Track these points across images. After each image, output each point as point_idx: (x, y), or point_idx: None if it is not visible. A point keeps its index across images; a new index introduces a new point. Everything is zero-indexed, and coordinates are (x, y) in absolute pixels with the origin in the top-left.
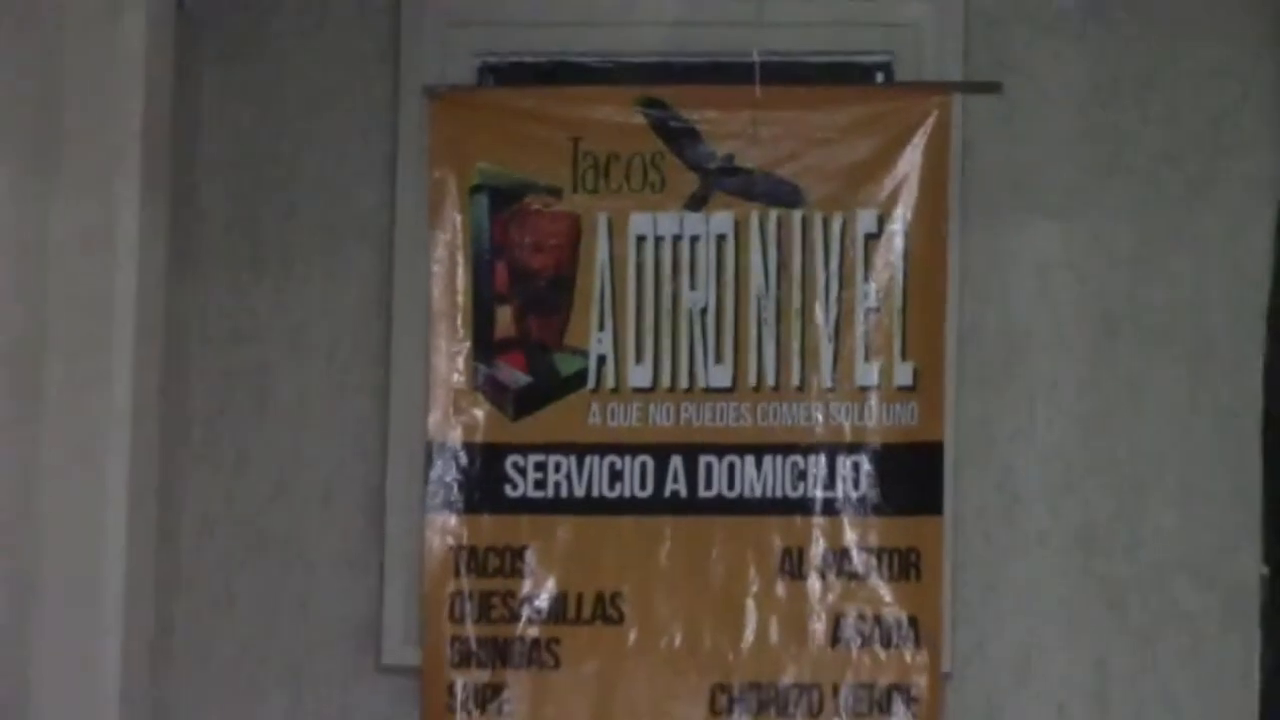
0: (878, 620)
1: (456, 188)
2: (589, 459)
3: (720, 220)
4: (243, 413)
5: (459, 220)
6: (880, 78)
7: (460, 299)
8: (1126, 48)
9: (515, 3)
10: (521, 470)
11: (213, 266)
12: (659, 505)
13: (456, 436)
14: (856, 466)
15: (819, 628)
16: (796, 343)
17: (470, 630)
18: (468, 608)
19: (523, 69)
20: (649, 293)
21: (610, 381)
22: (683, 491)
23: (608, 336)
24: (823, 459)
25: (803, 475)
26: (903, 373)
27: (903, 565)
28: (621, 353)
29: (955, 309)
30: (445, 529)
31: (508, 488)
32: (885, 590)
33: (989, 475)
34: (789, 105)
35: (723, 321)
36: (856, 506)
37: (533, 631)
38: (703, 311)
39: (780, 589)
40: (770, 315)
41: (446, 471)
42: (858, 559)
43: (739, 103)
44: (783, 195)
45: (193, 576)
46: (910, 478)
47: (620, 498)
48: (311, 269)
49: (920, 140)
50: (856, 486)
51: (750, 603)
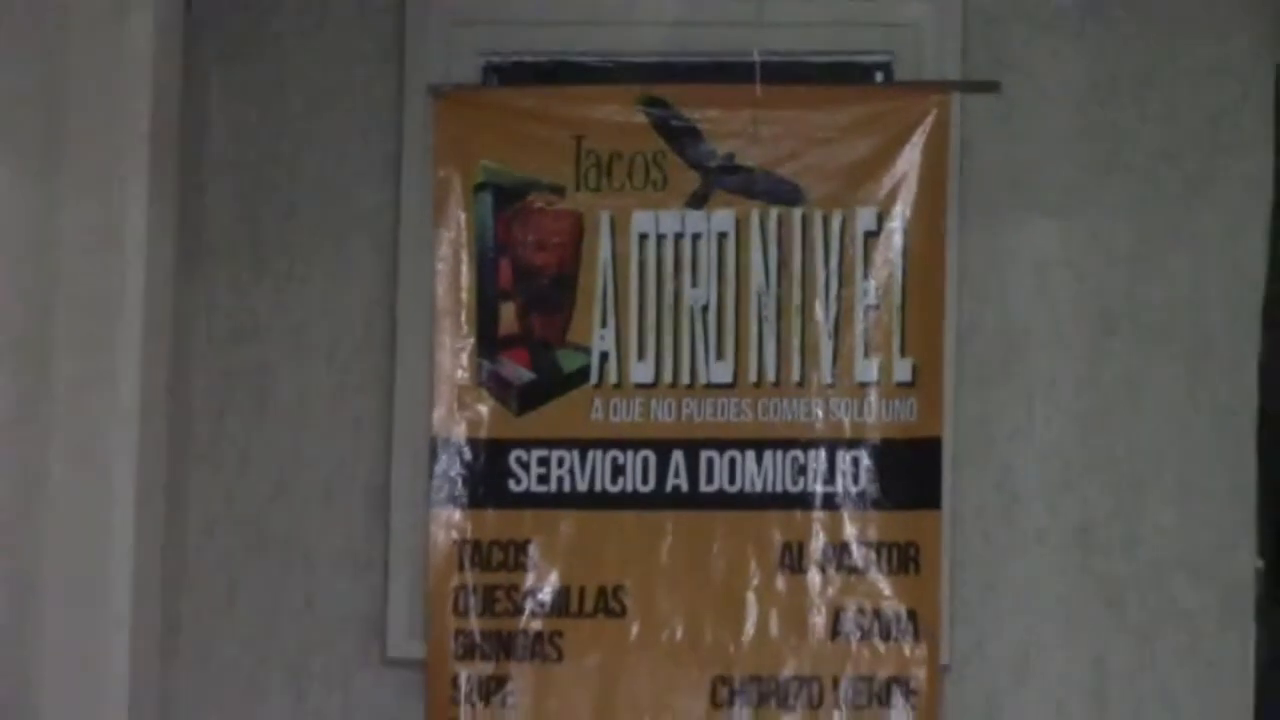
0: (877, 614)
1: (461, 186)
2: (592, 454)
3: (721, 218)
4: (247, 410)
5: (463, 218)
6: (880, 77)
7: (464, 296)
8: (1125, 46)
9: (519, 3)
10: (525, 465)
11: (217, 265)
12: (661, 500)
13: (461, 432)
14: (856, 461)
15: (819, 621)
16: (797, 339)
17: (474, 624)
18: (472, 601)
19: (526, 68)
20: (651, 290)
21: (613, 377)
22: (684, 486)
23: (610, 333)
24: (822, 454)
25: (803, 470)
26: (902, 369)
27: (902, 559)
28: (624, 349)
29: (954, 306)
30: (449, 523)
31: (511, 483)
32: (884, 584)
33: (987, 471)
34: (789, 104)
35: (724, 318)
36: (856, 501)
37: (536, 625)
38: (704, 308)
39: (780, 583)
40: (771, 312)
41: (451, 466)
42: (857, 553)
43: (740, 102)
44: (783, 193)
45: (198, 572)
46: (909, 473)
47: (622, 492)
48: (316, 267)
49: (919, 139)
50: (856, 481)
51: (751, 596)
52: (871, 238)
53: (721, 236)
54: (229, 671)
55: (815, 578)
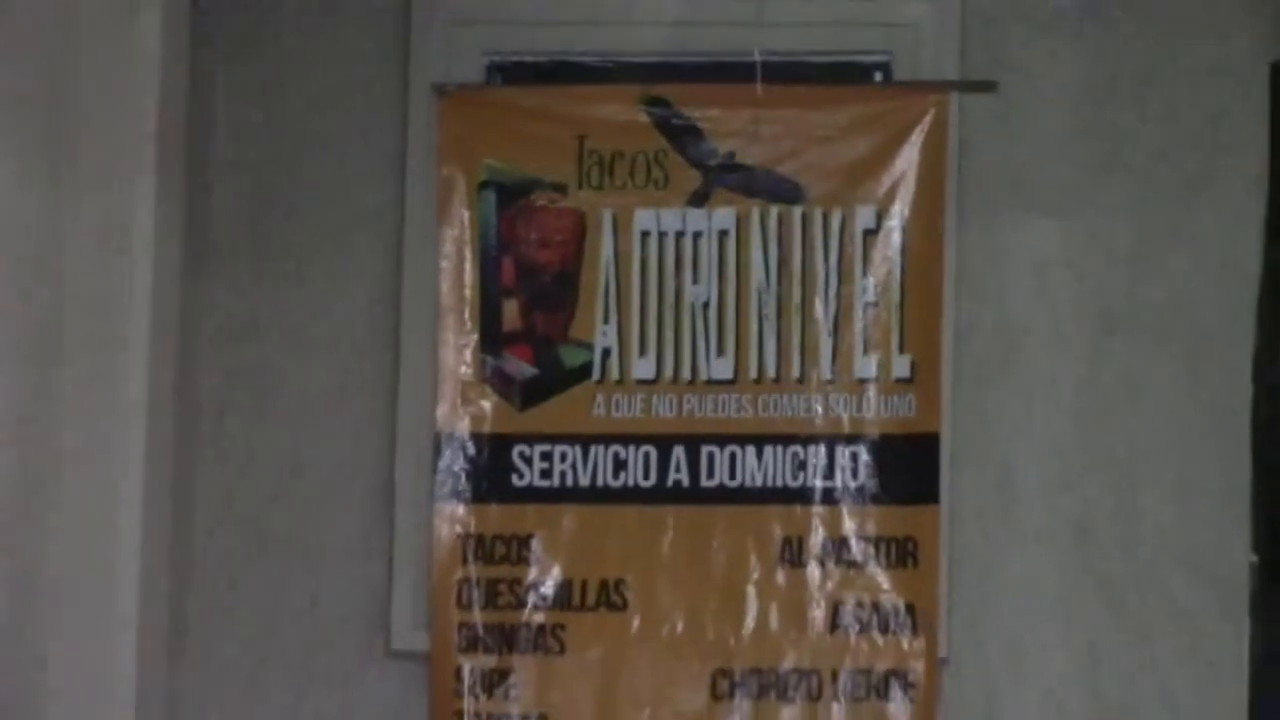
0: (875, 607)
1: (464, 184)
2: (594, 449)
3: (722, 216)
4: (252, 406)
5: (466, 216)
6: (879, 77)
7: (468, 293)
8: (1123, 47)
9: (521, 3)
10: (528, 460)
11: (222, 263)
12: (662, 495)
13: (464, 427)
14: (855, 457)
15: (818, 614)
16: (796, 336)
17: (478, 617)
18: (475, 595)
19: (529, 68)
20: (652, 287)
21: (615, 374)
22: (685, 481)
23: (612, 330)
24: (822, 449)
25: (802, 465)
26: (900, 365)
27: (900, 553)
28: (625, 346)
29: (952, 304)
30: (453, 518)
31: (514, 477)
32: (883, 578)
33: (986, 467)
34: (789, 104)
35: (724, 315)
36: (855, 496)
37: (538, 618)
38: (705, 305)
39: (780, 577)
40: (771, 309)
41: (454, 461)
42: (856, 547)
43: (740, 101)
44: (783, 192)
45: (205, 565)
46: (908, 468)
47: (624, 487)
48: (320, 265)
49: (918, 138)
50: (855, 476)
51: (751, 590)
52: (871, 236)
53: (722, 234)
54: (235, 663)
55: (815, 572)
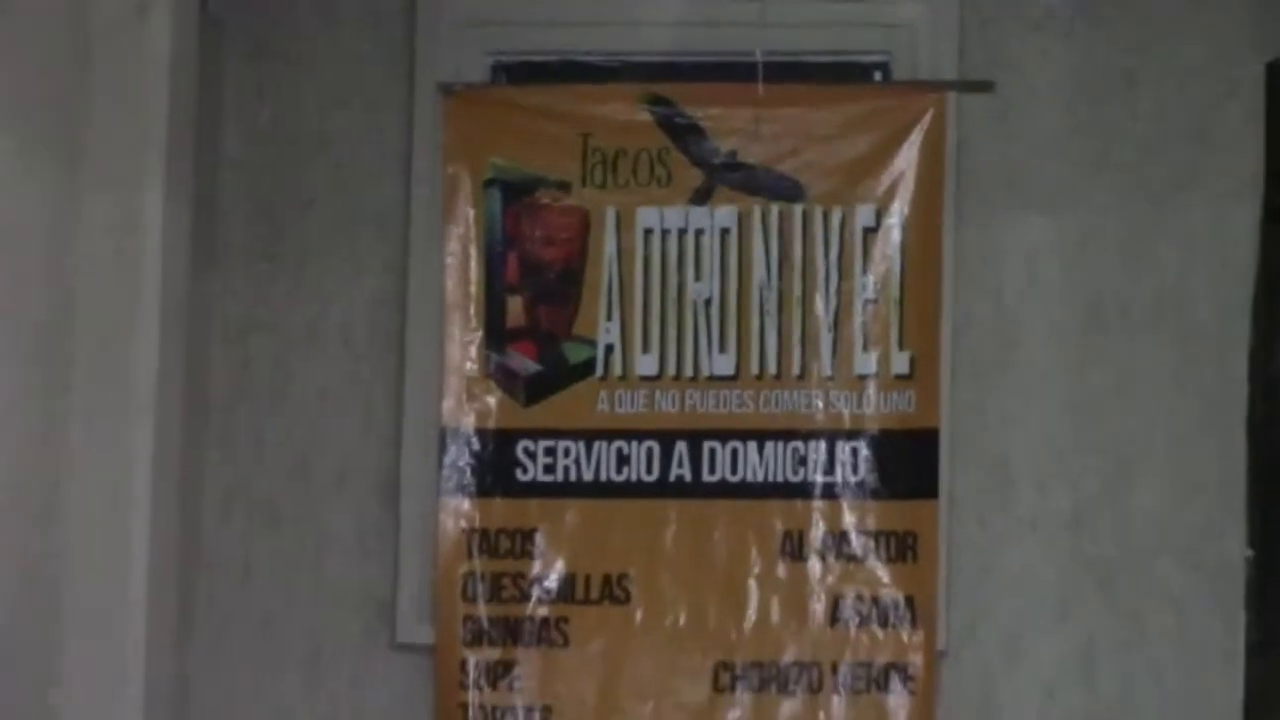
0: (875, 601)
1: (470, 182)
2: (597, 444)
3: (724, 214)
4: (261, 400)
5: (472, 214)
6: (878, 77)
7: (473, 290)
8: (1115, 45)
9: (527, 4)
10: (532, 455)
11: (232, 258)
12: (665, 489)
13: (469, 422)
14: (855, 452)
15: (818, 608)
16: (797, 333)
17: (482, 610)
18: (480, 588)
19: (533, 68)
20: (655, 284)
21: (618, 370)
22: (687, 476)
23: (615, 326)
24: (822, 445)
25: (803, 460)
26: (900, 362)
27: (899, 547)
28: (629, 342)
29: (950, 300)
30: (458, 512)
31: (518, 472)
32: (882, 571)
33: (983, 461)
34: (790, 103)
35: (726, 312)
36: (855, 491)
37: (542, 611)
38: (707, 302)
39: (781, 570)
40: (772, 306)
41: (459, 456)
42: (856, 541)
43: (742, 100)
44: (784, 190)
45: (213, 558)
46: (907, 463)
47: (627, 482)
48: (328, 261)
49: (916, 137)
50: (855, 471)
51: (752, 584)
52: (870, 233)
53: (724, 232)
54: (243, 656)
55: (815, 565)
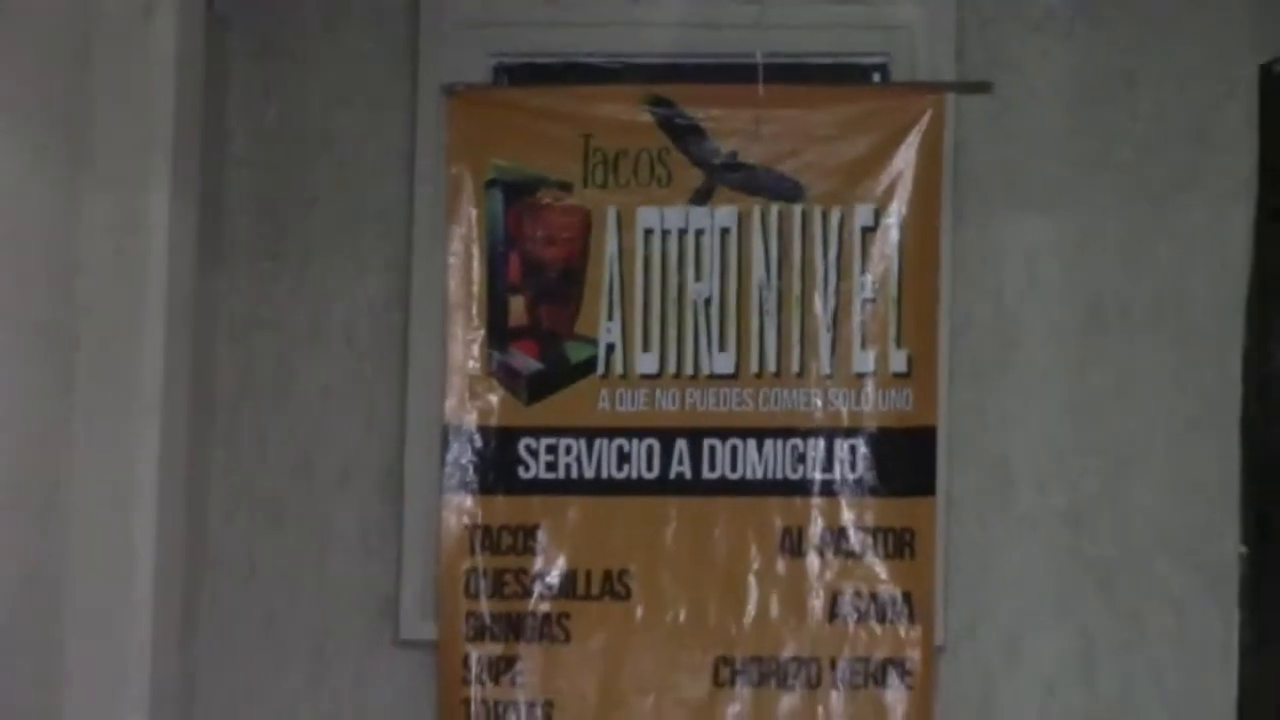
0: (873, 597)
1: (472, 183)
2: (598, 442)
3: (724, 214)
4: (266, 397)
5: (474, 214)
6: (877, 78)
7: (475, 289)
8: (1113, 46)
9: (529, 6)
10: (534, 453)
11: (237, 257)
12: (665, 486)
13: (472, 420)
14: (853, 450)
15: (817, 604)
16: (796, 331)
17: (484, 606)
18: (482, 584)
19: (535, 69)
20: (656, 284)
21: (619, 368)
22: (688, 473)
23: (616, 325)
24: (821, 442)
25: (802, 458)
26: (898, 360)
27: (897, 544)
28: (629, 341)
29: (948, 299)
30: (461, 509)
31: (521, 469)
32: (880, 568)
33: (981, 459)
34: (790, 104)
35: (726, 311)
36: (853, 488)
37: (544, 607)
38: (707, 301)
39: (780, 567)
40: (771, 305)
41: (462, 454)
42: (854, 538)
43: (742, 101)
44: (784, 190)
45: (218, 554)
46: (905, 460)
47: (628, 479)
48: (332, 260)
49: (915, 138)
50: (853, 469)
51: (752, 580)
52: (869, 233)
53: (724, 232)
54: (247, 651)
55: (814, 562)
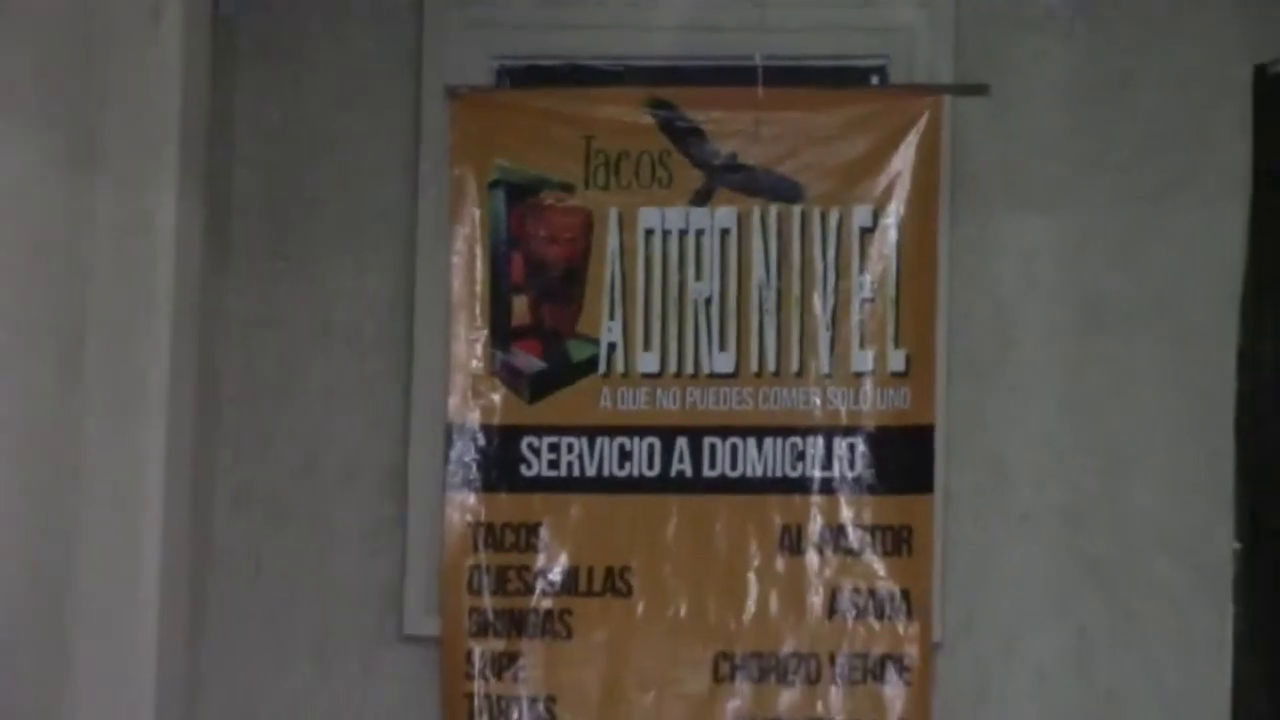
0: (872, 593)
1: (475, 183)
2: (600, 440)
3: (724, 215)
4: (272, 396)
5: (477, 214)
6: (875, 80)
7: (479, 289)
8: (1109, 48)
9: (531, 9)
10: (536, 451)
11: (243, 257)
12: (666, 484)
13: (475, 419)
14: (852, 448)
15: (816, 600)
16: (796, 331)
17: (487, 602)
18: (485, 581)
19: (538, 71)
20: (657, 283)
21: (620, 367)
22: (688, 471)
23: (618, 325)
24: (820, 441)
25: (801, 456)
26: (896, 359)
27: (895, 541)
28: (631, 340)
29: (946, 299)
30: (464, 506)
31: (523, 467)
32: (879, 565)
33: (978, 457)
34: (789, 106)
35: (726, 311)
36: (852, 486)
37: (546, 603)
38: (707, 301)
39: (780, 564)
40: (771, 305)
41: (465, 452)
42: (853, 535)
43: (742, 104)
44: (783, 191)
45: (224, 552)
46: (903, 458)
47: (629, 477)
48: (337, 260)
49: (913, 139)
50: (852, 467)
51: (752, 576)
52: (867, 233)
53: (724, 232)
54: (253, 647)
55: (813, 559)
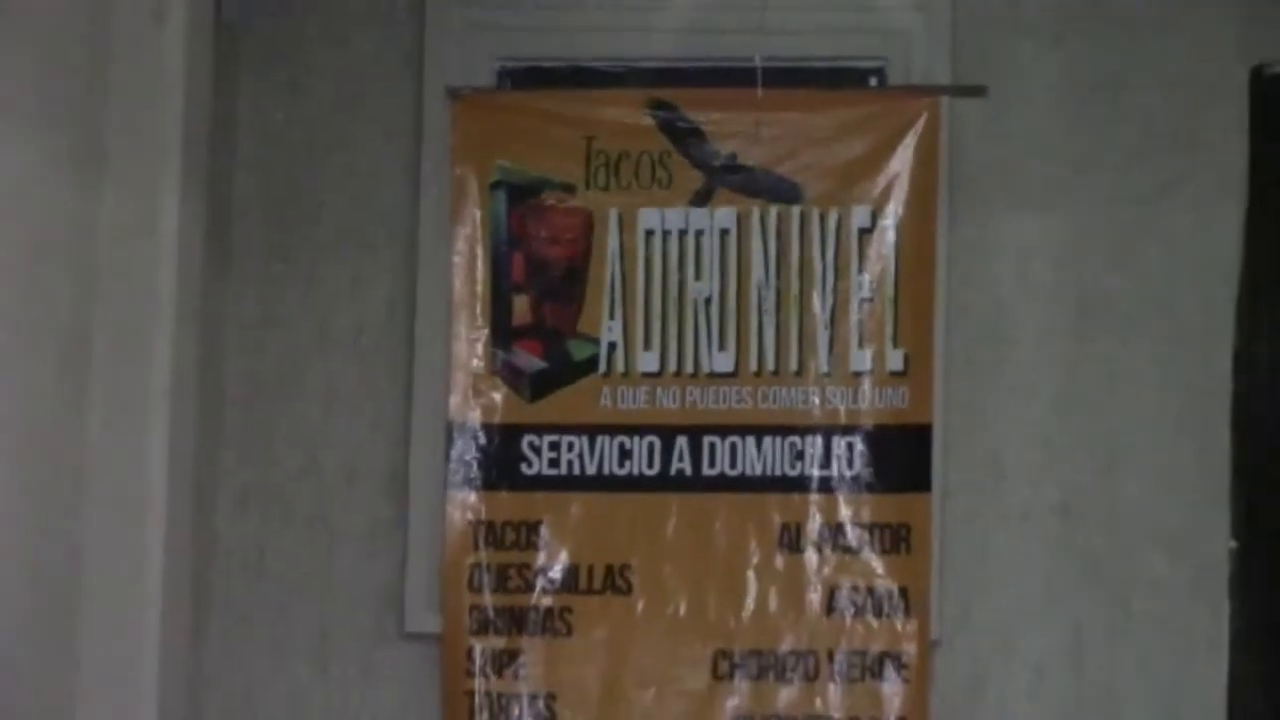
0: (870, 591)
1: (476, 184)
2: (600, 439)
3: (724, 215)
4: (275, 395)
5: (479, 215)
6: (874, 82)
7: (480, 289)
8: (1104, 51)
9: (533, 11)
10: (537, 450)
11: (246, 259)
12: (665, 483)
13: (476, 418)
14: (850, 447)
15: (815, 598)
16: (795, 331)
17: (488, 599)
18: (486, 578)
19: (539, 73)
20: (657, 283)
21: (620, 366)
22: (688, 470)
23: (618, 324)
24: (819, 439)
25: (800, 455)
26: (894, 359)
27: (893, 539)
28: (631, 339)
29: (943, 299)
30: (465, 504)
31: (524, 466)
32: (877, 563)
33: (975, 455)
34: (789, 107)
35: (726, 310)
36: (850, 484)
37: (546, 601)
38: (707, 301)
39: (779, 561)
40: (770, 305)
41: (466, 451)
42: (851, 533)
43: (742, 105)
44: (782, 192)
45: (228, 550)
46: (901, 457)
47: (629, 475)
48: (339, 260)
49: (911, 140)
50: (850, 465)
51: (751, 574)
52: (866, 234)
53: (724, 233)
54: (255, 645)
55: (812, 557)
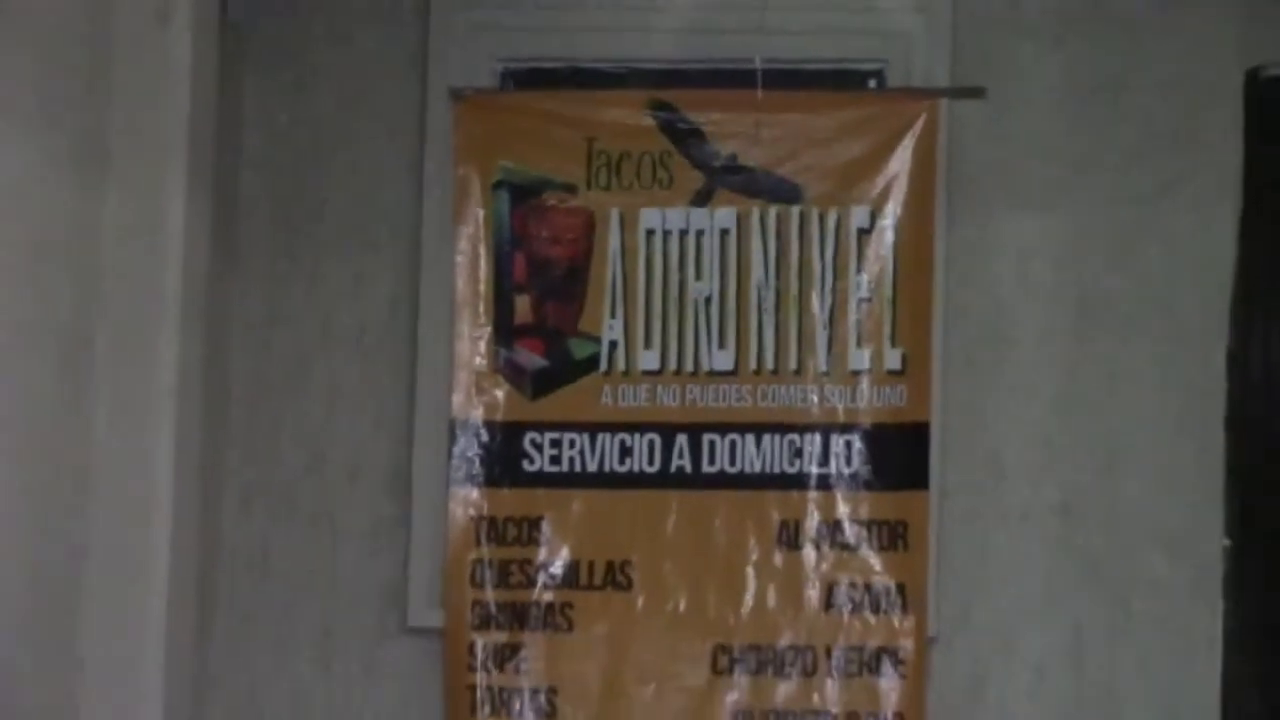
0: (868, 588)
1: (479, 184)
2: (601, 437)
3: (724, 215)
4: (280, 393)
5: (481, 215)
6: (873, 83)
7: (482, 288)
8: (1103, 53)
9: (535, 12)
10: (538, 447)
11: (251, 256)
12: (666, 480)
13: (478, 415)
14: (849, 445)
15: (813, 594)
16: (794, 330)
17: (490, 595)
18: (488, 574)
19: (541, 74)
20: (657, 283)
21: (621, 365)
22: (688, 467)
23: (619, 323)
24: (817, 438)
25: (799, 453)
26: (892, 358)
27: (891, 537)
28: (632, 338)
29: (942, 298)
30: (467, 501)
31: (525, 463)
32: (875, 560)
33: (973, 454)
34: (789, 108)
35: (726, 310)
36: (849, 482)
37: (548, 596)
38: (707, 300)
39: (778, 558)
40: (770, 304)
41: (469, 448)
42: (849, 531)
43: (742, 106)
44: (782, 192)
45: (232, 547)
46: (899, 455)
47: (630, 473)
48: (343, 260)
49: (910, 141)
50: (849, 463)
51: (750, 571)
52: (865, 234)
53: (724, 233)
54: (260, 641)
55: (810, 554)
